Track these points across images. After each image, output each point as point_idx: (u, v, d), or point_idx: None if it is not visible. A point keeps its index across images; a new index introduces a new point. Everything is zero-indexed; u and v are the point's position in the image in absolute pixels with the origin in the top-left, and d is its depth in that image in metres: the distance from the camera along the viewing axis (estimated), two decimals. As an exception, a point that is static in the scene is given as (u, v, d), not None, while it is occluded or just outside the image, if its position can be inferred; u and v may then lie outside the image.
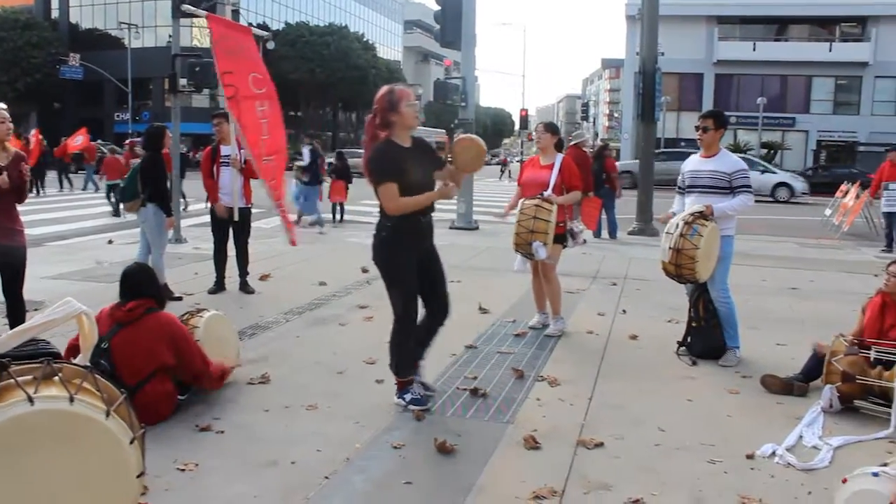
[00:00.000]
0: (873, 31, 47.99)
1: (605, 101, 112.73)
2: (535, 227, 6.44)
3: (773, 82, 49.87)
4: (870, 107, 48.66)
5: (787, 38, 51.34)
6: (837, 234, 16.20)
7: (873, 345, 5.17)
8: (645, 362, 6.10)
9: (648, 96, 15.07)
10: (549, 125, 7.05)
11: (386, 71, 63.05)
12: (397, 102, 4.65)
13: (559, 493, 3.77)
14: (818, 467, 4.15)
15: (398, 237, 4.76)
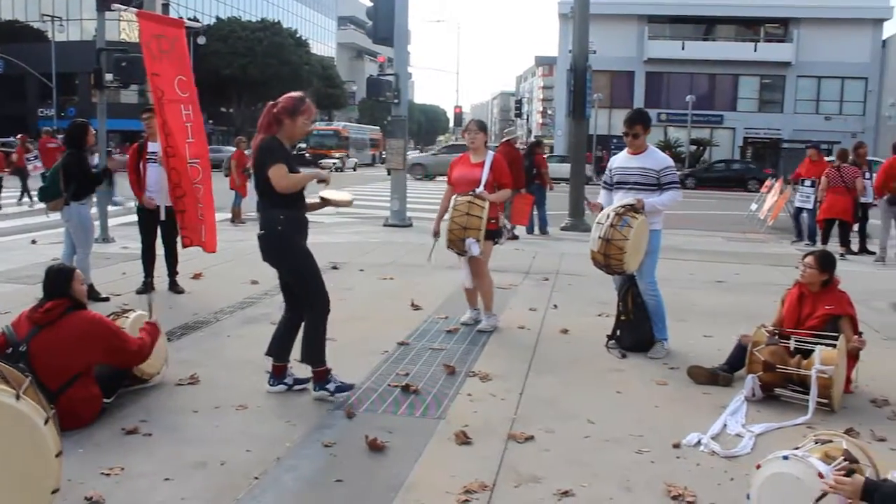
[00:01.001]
0: (795, 32, 49.50)
1: (539, 99, 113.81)
2: (468, 224, 6.47)
3: (702, 80, 51.04)
4: (793, 105, 50.19)
5: (715, 38, 52.56)
6: (762, 229, 16.66)
7: (792, 334, 5.34)
8: (575, 356, 6.18)
9: (579, 93, 15.26)
10: (481, 123, 7.10)
11: (320, 67, 62.58)
12: (299, 112, 4.77)
13: (490, 487, 3.80)
14: (741, 454, 4.27)
15: (294, 227, 4.86)
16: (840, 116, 49.55)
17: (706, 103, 49.63)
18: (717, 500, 3.73)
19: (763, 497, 3.35)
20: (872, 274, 11.41)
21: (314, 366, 5.02)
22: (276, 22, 61.27)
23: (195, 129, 8.20)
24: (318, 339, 5.01)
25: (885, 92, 48.75)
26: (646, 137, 6.25)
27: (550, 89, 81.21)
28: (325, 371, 5.02)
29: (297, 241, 4.88)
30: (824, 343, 5.12)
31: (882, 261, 12.55)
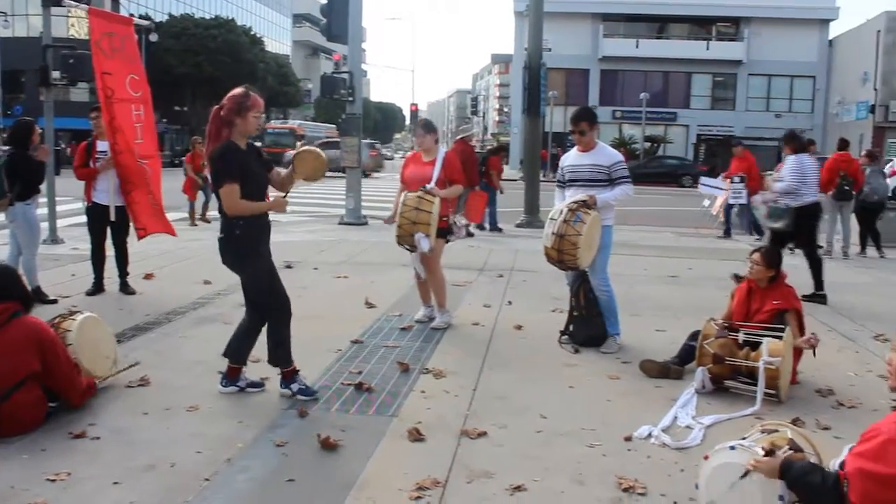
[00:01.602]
0: (746, 31, 50.35)
1: (496, 96, 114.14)
2: (417, 219, 6.46)
3: (656, 78, 51.66)
4: (744, 103, 51.05)
5: (668, 37, 53.20)
6: (714, 224, 16.88)
7: (741, 328, 5.44)
8: (529, 352, 6.22)
9: (534, 91, 15.35)
10: (428, 125, 7.07)
11: (275, 65, 62.02)
12: (246, 108, 4.68)
13: (442, 483, 3.81)
14: (690, 446, 4.34)
15: (253, 232, 4.80)
16: (790, 114, 50.48)
17: (660, 101, 50.23)
18: (668, 492, 3.77)
19: (711, 487, 3.40)
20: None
21: (282, 367, 5.01)
22: (230, 19, 60.54)
23: (145, 129, 8.10)
24: (283, 342, 4.99)
25: (832, 90, 49.84)
26: (593, 134, 6.30)
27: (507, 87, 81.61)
28: (293, 371, 5.00)
29: (256, 246, 4.82)
30: (771, 336, 5.21)
31: (829, 255, 12.81)
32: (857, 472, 2.85)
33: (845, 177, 12.57)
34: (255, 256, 4.83)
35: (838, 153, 12.99)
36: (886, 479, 2.80)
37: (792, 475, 3.02)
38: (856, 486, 2.83)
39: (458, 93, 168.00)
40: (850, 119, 46.12)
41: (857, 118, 45.36)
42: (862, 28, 46.75)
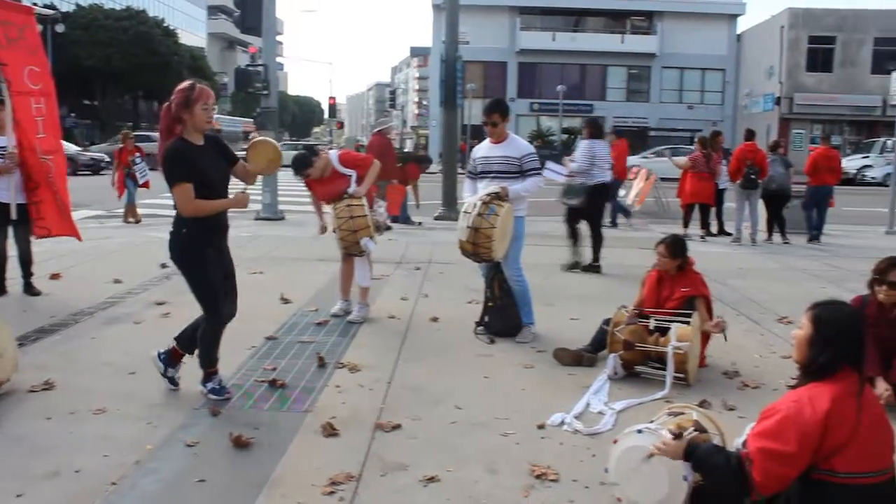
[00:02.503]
0: (659, 25, 51.52)
1: (415, 89, 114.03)
2: (356, 227, 6.46)
3: (573, 71, 52.43)
4: (658, 95, 52.27)
5: (584, 30, 54.01)
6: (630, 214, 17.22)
7: (651, 314, 5.56)
8: (445, 343, 6.23)
9: (450, 84, 15.37)
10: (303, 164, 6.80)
11: (189, 58, 60.52)
12: (194, 102, 4.52)
13: (356, 477, 3.79)
14: (602, 431, 4.41)
15: (201, 232, 4.66)
16: (701, 105, 51.95)
17: (577, 93, 51.02)
18: (579, 477, 3.83)
19: (620, 469, 3.47)
20: (728, 254, 12.01)
21: (203, 368, 4.91)
22: (141, 10, 58.86)
23: (48, 123, 7.77)
24: (207, 347, 4.89)
25: (741, 82, 51.42)
26: (505, 125, 6.34)
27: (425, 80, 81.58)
28: (212, 372, 4.91)
29: (201, 247, 4.68)
30: (680, 321, 5.35)
31: (738, 241, 13.23)
32: (758, 451, 2.94)
33: (752, 166, 12.97)
34: (198, 259, 4.68)
35: (745, 143, 13.41)
36: (785, 456, 2.89)
37: (696, 457, 3.10)
38: (757, 465, 2.92)
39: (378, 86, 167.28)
40: (757, 111, 47.68)
41: (764, 110, 46.93)
42: (767, 23, 48.35)
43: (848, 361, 3.04)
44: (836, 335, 3.03)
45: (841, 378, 3.01)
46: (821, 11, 45.24)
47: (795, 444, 2.88)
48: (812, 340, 3.08)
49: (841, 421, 2.92)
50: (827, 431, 2.90)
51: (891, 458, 3.10)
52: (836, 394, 2.96)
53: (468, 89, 33.84)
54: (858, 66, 44.81)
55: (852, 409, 2.96)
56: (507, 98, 48.87)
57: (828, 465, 2.92)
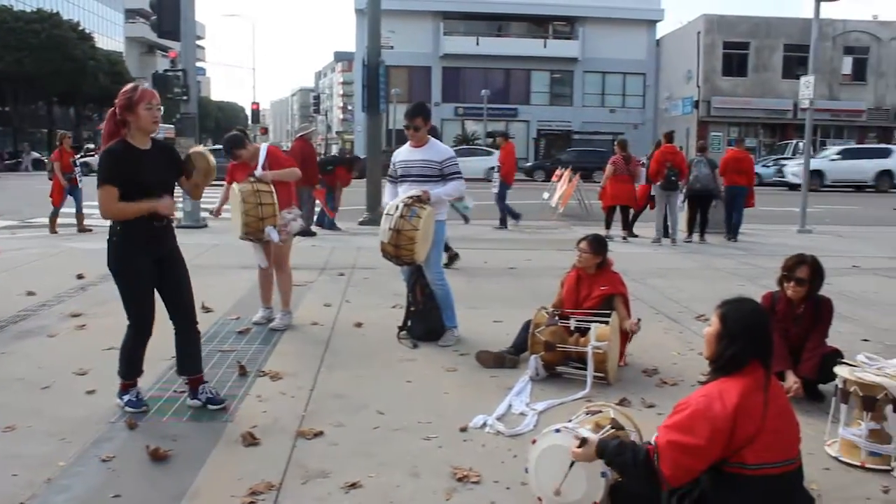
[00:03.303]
0: (580, 30, 52.36)
1: (339, 94, 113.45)
2: (263, 214, 6.34)
3: (497, 75, 52.83)
4: (581, 99, 53.11)
5: (508, 35, 54.51)
6: (554, 215, 17.48)
7: (571, 315, 5.63)
8: (368, 349, 6.20)
9: (373, 88, 15.33)
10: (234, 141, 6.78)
11: (106, 63, 58.87)
12: (136, 103, 4.42)
13: (276, 486, 3.73)
14: (524, 432, 4.44)
15: (130, 241, 4.53)
16: (623, 109, 52.98)
17: (501, 97, 51.45)
18: (501, 478, 3.85)
19: (539, 469, 3.51)
20: (649, 254, 12.27)
21: (121, 378, 4.79)
22: (54, 13, 57.04)
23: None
24: (125, 357, 4.76)
25: (660, 86, 52.60)
26: (426, 130, 6.34)
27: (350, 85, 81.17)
28: (129, 384, 4.79)
29: (128, 255, 4.55)
30: (599, 321, 5.43)
31: (658, 241, 13.52)
32: (667, 444, 3.00)
33: (672, 168, 13.27)
34: (124, 267, 4.56)
35: (665, 146, 13.71)
36: (694, 449, 2.97)
37: (607, 456, 3.18)
38: (666, 458, 2.99)
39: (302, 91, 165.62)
40: (677, 114, 48.88)
41: (683, 113, 48.16)
42: (684, 29, 49.64)
43: (755, 356, 3.13)
44: (743, 331, 3.13)
45: (749, 372, 3.11)
46: (735, 18, 46.70)
47: (705, 437, 2.96)
48: (720, 336, 3.17)
49: (750, 414, 3.01)
50: (736, 425, 2.98)
51: (797, 448, 3.21)
52: (745, 388, 3.05)
53: (392, 94, 33.82)
54: (771, 71, 46.38)
55: (760, 403, 3.05)
56: (432, 103, 49.07)
57: (738, 458, 3.00)
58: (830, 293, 5.64)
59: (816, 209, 20.25)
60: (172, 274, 4.75)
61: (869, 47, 46.76)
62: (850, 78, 46.76)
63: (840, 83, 46.37)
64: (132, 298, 4.62)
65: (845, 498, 3.76)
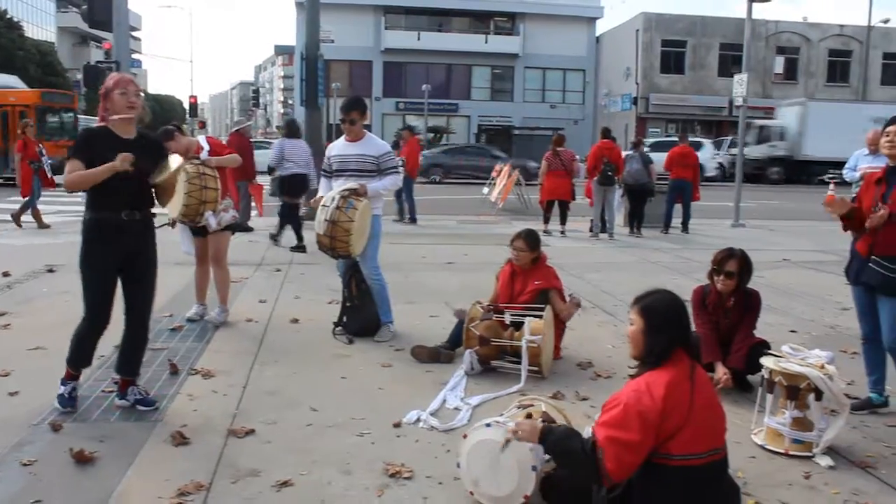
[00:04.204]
0: (521, 26, 52.63)
1: (280, 88, 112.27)
2: (205, 198, 6.21)
3: (438, 70, 52.81)
4: (522, 94, 53.39)
5: (449, 30, 54.53)
6: (494, 211, 17.55)
7: (506, 309, 5.65)
8: (303, 345, 6.14)
9: (312, 82, 15.18)
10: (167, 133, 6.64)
11: (37, 53, 57.19)
12: (111, 90, 4.44)
13: (206, 486, 3.67)
14: (457, 426, 4.44)
15: (95, 233, 4.49)
16: (563, 105, 53.43)
17: (442, 92, 51.44)
18: (434, 473, 3.85)
19: (470, 464, 3.52)
20: (587, 248, 12.41)
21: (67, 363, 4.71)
22: (-21, 1, 55.27)
23: None
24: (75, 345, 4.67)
25: (600, 83, 53.21)
26: (362, 124, 6.30)
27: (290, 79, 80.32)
28: (72, 376, 4.71)
29: (91, 247, 4.48)
30: (534, 315, 5.46)
31: (595, 236, 13.69)
32: (607, 441, 3.04)
33: (608, 163, 13.45)
34: (89, 257, 4.50)
35: (602, 141, 13.88)
36: (632, 444, 3.01)
37: (552, 440, 3.20)
38: (609, 453, 3.02)
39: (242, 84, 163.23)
40: (616, 110, 49.53)
41: (622, 109, 48.82)
42: (623, 27, 50.30)
43: (679, 344, 3.19)
44: (665, 322, 3.19)
45: (674, 363, 3.16)
46: (672, 17, 47.54)
47: (639, 432, 3.00)
48: (645, 332, 3.22)
49: (677, 405, 3.07)
50: (666, 416, 3.03)
51: (722, 439, 3.28)
52: (672, 379, 3.10)
53: (333, 88, 33.56)
54: (707, 69, 47.31)
55: (686, 393, 3.11)
56: (373, 97, 48.86)
57: (664, 450, 3.05)
58: (761, 286, 5.78)
59: (749, 204, 20.74)
60: (137, 273, 4.68)
61: (800, 48, 48.06)
62: (782, 77, 47.99)
63: (773, 82, 47.53)
64: (89, 289, 4.55)
65: (769, 484, 3.85)
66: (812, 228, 15.96)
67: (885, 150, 4.70)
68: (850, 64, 48.34)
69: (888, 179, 4.67)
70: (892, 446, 4.39)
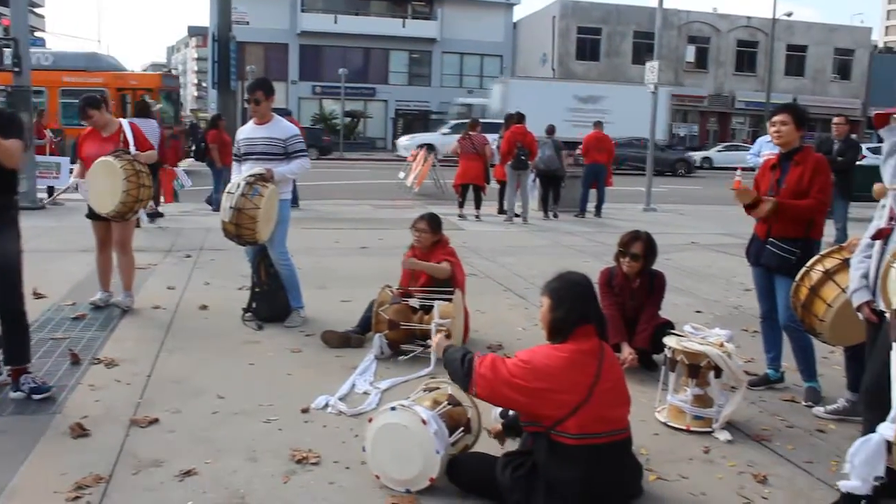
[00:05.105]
0: (439, 11, 52.53)
1: (193, 70, 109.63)
2: (142, 196, 6.16)
3: (355, 54, 52.29)
4: (439, 79, 53.32)
5: (367, 13, 54.02)
6: (409, 195, 17.55)
7: (414, 293, 5.66)
8: (211, 332, 6.03)
9: (224, 65, 14.87)
10: (90, 100, 6.48)
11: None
12: None
13: (106, 478, 3.57)
14: (366, 411, 4.42)
15: None
16: (481, 90, 53.50)
17: (359, 76, 50.99)
18: (341, 458, 3.84)
19: (376, 448, 3.53)
20: (501, 232, 12.53)
21: None
22: None
23: None
24: None
25: (517, 68, 53.55)
26: (269, 105, 6.20)
27: (204, 61, 78.50)
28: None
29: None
30: (443, 298, 5.48)
31: (510, 220, 13.82)
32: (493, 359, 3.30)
33: (522, 148, 13.57)
34: None
35: (515, 126, 13.99)
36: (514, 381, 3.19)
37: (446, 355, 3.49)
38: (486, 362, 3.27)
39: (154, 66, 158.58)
40: (533, 96, 49.96)
41: (539, 95, 49.25)
42: (540, 13, 50.75)
43: (584, 317, 3.27)
44: (569, 295, 3.30)
45: (582, 341, 3.24)
46: (588, 4, 48.18)
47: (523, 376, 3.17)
48: (551, 309, 3.30)
49: (579, 378, 3.15)
50: (562, 385, 3.12)
51: (625, 420, 3.36)
52: (576, 352, 3.21)
53: (248, 71, 32.89)
54: (622, 56, 48.20)
55: (591, 371, 3.19)
56: (289, 81, 48.14)
57: (563, 428, 3.12)
58: (669, 268, 5.93)
59: (662, 189, 21.28)
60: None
61: (710, 37, 49.38)
62: (693, 65, 49.25)
63: (684, 70, 48.73)
64: None
65: (671, 460, 3.96)
66: (719, 212, 16.46)
67: (774, 141, 4.91)
68: (756, 54, 49.95)
69: (782, 165, 4.87)
70: (787, 420, 4.58)
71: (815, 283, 4.37)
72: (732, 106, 49.87)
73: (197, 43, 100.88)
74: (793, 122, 4.77)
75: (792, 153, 4.82)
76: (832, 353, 5.43)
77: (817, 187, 4.71)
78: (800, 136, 4.83)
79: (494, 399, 3.34)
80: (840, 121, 11.34)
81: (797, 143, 4.83)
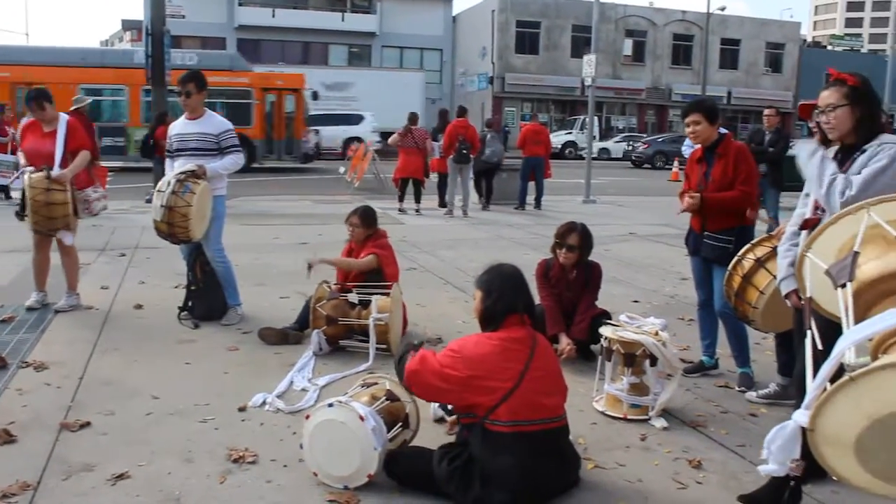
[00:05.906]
0: (378, 4, 52.28)
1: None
2: (52, 214, 6.00)
3: (294, 48, 51.72)
4: (380, 73, 53.10)
5: (305, 7, 53.47)
6: (350, 190, 17.46)
7: (352, 288, 5.64)
8: (146, 332, 5.91)
9: (158, 59, 14.55)
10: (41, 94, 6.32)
11: None
12: None
13: (34, 485, 3.46)
14: (304, 408, 4.39)
15: None
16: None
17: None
18: (278, 456, 3.80)
19: (314, 444, 3.50)
20: (441, 226, 12.54)
21: None
22: None
23: None
24: None
25: (457, 62, 53.65)
26: (201, 99, 6.08)
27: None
28: None
29: None
30: (380, 293, 5.47)
31: (451, 213, 13.84)
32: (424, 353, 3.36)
33: (464, 141, 13.61)
34: None
35: (457, 120, 14.03)
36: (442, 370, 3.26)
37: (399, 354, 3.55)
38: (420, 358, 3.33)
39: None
40: (473, 89, 50.06)
41: (479, 88, 49.40)
42: (480, 7, 50.85)
43: (514, 310, 3.30)
44: (499, 284, 3.36)
45: (513, 330, 3.28)
46: (527, -2, 48.44)
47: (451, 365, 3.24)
48: (482, 300, 3.34)
49: (507, 365, 3.21)
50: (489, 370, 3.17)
51: (560, 408, 3.40)
52: (505, 340, 3.26)
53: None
54: (560, 49, 48.55)
55: (522, 359, 3.23)
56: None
57: (494, 416, 3.15)
58: (608, 258, 5.99)
59: (601, 180, 21.54)
60: None
61: (647, 31, 50.05)
62: (630, 59, 49.89)
63: (622, 63, 49.33)
64: None
65: (608, 448, 4.02)
66: (657, 203, 16.72)
67: (692, 141, 5.03)
68: (692, 48, 50.81)
69: (707, 158, 4.97)
70: (721, 405, 4.68)
71: (748, 271, 4.47)
72: (669, 98, 50.62)
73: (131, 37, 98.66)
74: (705, 119, 4.86)
75: (714, 146, 4.92)
76: (764, 338, 5.56)
77: (742, 177, 4.82)
78: (716, 129, 4.93)
79: (427, 393, 3.36)
80: (771, 112, 11.60)
81: (715, 136, 4.93)
